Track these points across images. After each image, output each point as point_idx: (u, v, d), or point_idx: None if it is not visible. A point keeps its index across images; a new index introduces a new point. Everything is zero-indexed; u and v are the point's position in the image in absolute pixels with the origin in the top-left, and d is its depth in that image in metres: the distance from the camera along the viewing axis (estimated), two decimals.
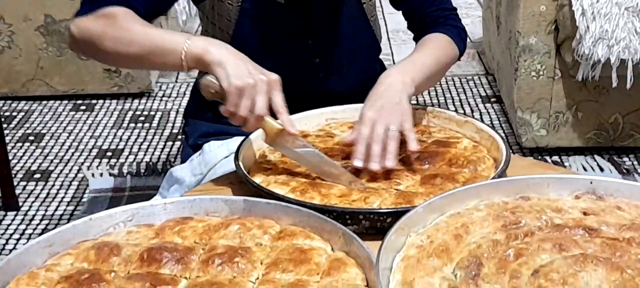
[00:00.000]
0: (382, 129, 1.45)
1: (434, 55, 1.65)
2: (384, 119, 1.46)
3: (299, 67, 1.71)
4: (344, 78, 1.77)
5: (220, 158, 1.66)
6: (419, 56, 1.64)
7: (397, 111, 1.48)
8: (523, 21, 2.88)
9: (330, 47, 1.73)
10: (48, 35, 3.55)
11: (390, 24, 4.54)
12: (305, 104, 1.65)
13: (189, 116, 1.86)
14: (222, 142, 1.69)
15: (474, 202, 1.26)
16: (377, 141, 1.43)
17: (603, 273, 1.08)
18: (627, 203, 1.25)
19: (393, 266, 1.12)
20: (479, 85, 3.84)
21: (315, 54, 1.72)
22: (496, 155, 1.49)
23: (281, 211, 1.26)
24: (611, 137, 3.05)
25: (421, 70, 1.60)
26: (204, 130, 1.78)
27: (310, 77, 1.73)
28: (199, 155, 1.71)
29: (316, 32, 1.70)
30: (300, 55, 1.71)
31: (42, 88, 3.67)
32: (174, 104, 3.70)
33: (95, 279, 1.10)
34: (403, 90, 1.52)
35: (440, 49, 1.68)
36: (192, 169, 1.70)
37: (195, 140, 1.78)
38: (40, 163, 3.19)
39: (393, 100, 1.50)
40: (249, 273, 1.12)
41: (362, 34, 1.79)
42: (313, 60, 1.72)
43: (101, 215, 1.25)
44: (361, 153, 1.43)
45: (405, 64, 1.61)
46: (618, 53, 2.67)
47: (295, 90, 1.48)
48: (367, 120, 1.47)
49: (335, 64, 1.75)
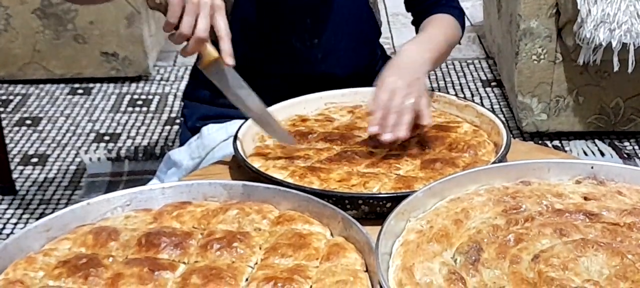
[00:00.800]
0: (400, 99, 1.44)
1: (444, 34, 1.66)
2: (403, 90, 1.45)
3: (297, 46, 1.70)
4: (342, 61, 1.76)
5: (219, 141, 1.66)
6: (435, 33, 1.65)
7: (416, 85, 1.47)
8: (524, 4, 2.87)
9: (329, 28, 1.72)
10: (45, 18, 3.53)
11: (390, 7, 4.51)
12: (304, 86, 1.64)
13: (187, 98, 1.85)
14: (220, 125, 1.69)
15: (474, 186, 1.26)
16: (394, 111, 1.42)
17: (604, 258, 1.07)
18: (628, 188, 1.25)
19: (393, 251, 1.11)
20: (480, 69, 3.83)
21: (313, 34, 1.71)
22: (496, 140, 1.48)
23: (280, 196, 1.25)
24: (612, 122, 3.05)
25: (436, 48, 1.60)
26: (203, 113, 1.77)
27: (308, 57, 1.72)
28: (198, 138, 1.70)
29: (314, 11, 1.69)
30: (298, 35, 1.70)
31: (39, 71, 3.66)
32: (171, 87, 3.69)
33: (93, 264, 1.09)
34: (423, 67, 1.52)
35: (449, 28, 1.69)
36: (190, 152, 1.69)
37: (193, 123, 1.78)
38: (38, 147, 3.18)
39: (414, 74, 1.49)
40: (248, 258, 1.12)
41: (361, 16, 1.78)
42: (311, 40, 1.71)
43: (99, 199, 1.24)
44: (378, 119, 1.42)
45: (423, 41, 1.61)
46: (620, 37, 2.66)
47: (294, 71, 1.47)
48: (387, 86, 1.45)
49: (333, 46, 1.74)
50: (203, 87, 1.77)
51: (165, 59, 3.98)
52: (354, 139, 1.52)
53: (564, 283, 1.02)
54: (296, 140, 1.49)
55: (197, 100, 1.80)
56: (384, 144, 1.43)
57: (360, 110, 1.65)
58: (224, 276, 1.06)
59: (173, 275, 1.09)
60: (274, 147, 1.50)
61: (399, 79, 1.46)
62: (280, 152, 1.47)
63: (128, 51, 3.62)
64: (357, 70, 1.74)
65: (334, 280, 1.05)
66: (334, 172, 1.39)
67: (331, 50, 1.73)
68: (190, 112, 1.81)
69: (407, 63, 1.52)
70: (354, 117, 1.62)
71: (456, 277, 1.04)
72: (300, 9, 1.68)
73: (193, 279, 1.06)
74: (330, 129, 1.56)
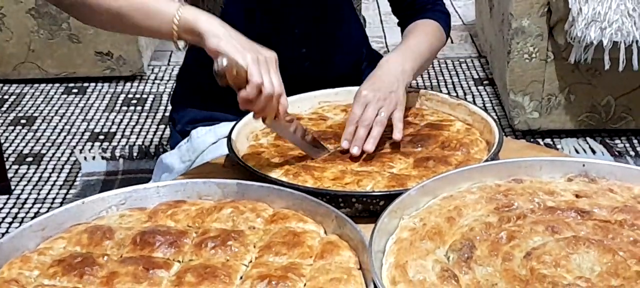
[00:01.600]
0: (373, 112, 1.46)
1: (428, 42, 1.66)
2: (377, 102, 1.48)
3: (285, 55, 1.70)
4: (330, 66, 1.76)
5: (208, 144, 1.66)
6: (416, 43, 1.65)
7: (391, 98, 1.49)
8: (516, 3, 2.88)
9: (317, 37, 1.73)
10: (39, 17, 3.52)
11: (383, 6, 4.52)
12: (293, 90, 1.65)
13: (176, 103, 1.85)
14: (209, 128, 1.69)
15: (466, 184, 1.27)
16: (364, 124, 1.45)
17: (595, 255, 1.08)
18: (619, 186, 1.26)
19: (386, 249, 1.12)
20: (472, 67, 3.83)
21: (301, 44, 1.71)
22: (489, 138, 1.49)
23: (274, 194, 1.25)
24: (603, 120, 3.06)
25: (418, 58, 1.61)
26: (192, 117, 1.77)
27: (297, 65, 1.72)
28: (187, 141, 1.71)
29: (303, 21, 1.69)
30: (286, 45, 1.70)
31: (34, 71, 3.66)
32: (166, 87, 3.69)
33: (88, 263, 1.10)
34: (401, 79, 1.54)
35: (433, 36, 1.69)
36: (181, 156, 1.70)
37: (183, 126, 1.78)
38: (32, 146, 3.18)
39: (390, 86, 1.51)
40: (242, 256, 1.12)
41: (348, 23, 1.79)
42: (299, 50, 1.71)
43: (94, 198, 1.25)
44: (349, 134, 1.45)
45: (404, 51, 1.62)
46: (610, 35, 2.67)
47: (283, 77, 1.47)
48: (361, 99, 1.48)
49: (321, 54, 1.74)
50: (191, 92, 1.78)
51: (160, 58, 3.97)
52: None
53: (556, 280, 1.03)
54: None
55: (185, 105, 1.80)
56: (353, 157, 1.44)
57: None
58: (218, 274, 1.07)
59: (168, 273, 1.09)
60: (268, 146, 1.50)
61: (373, 92, 1.49)
62: (274, 151, 1.47)
63: (122, 50, 3.62)
64: (344, 72, 1.75)
65: (327, 278, 1.06)
66: (327, 170, 1.39)
67: (318, 58, 1.74)
68: (178, 116, 1.81)
69: (383, 76, 1.53)
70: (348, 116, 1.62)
71: (449, 274, 1.05)
72: (288, 20, 1.68)
73: (188, 277, 1.07)
74: (324, 128, 1.57)
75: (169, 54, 4.01)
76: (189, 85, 1.79)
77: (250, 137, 1.53)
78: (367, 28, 1.94)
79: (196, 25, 1.31)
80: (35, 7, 3.50)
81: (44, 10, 3.51)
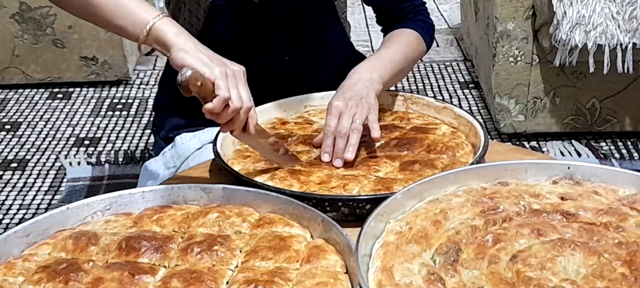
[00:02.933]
0: (348, 121, 1.47)
1: (401, 51, 1.66)
2: (351, 110, 1.48)
3: (268, 63, 1.70)
4: (313, 73, 1.76)
5: (193, 150, 1.66)
6: (387, 52, 1.65)
7: (363, 104, 1.50)
8: (501, 7, 2.89)
9: (300, 45, 1.73)
10: (23, 22, 3.51)
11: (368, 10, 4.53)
12: (276, 97, 1.65)
13: (158, 109, 1.84)
14: (193, 134, 1.69)
15: (452, 187, 1.27)
16: (341, 135, 1.45)
17: (580, 257, 1.09)
18: (604, 188, 1.26)
19: (372, 252, 1.12)
20: (458, 71, 3.85)
21: (284, 52, 1.71)
22: (474, 141, 1.49)
23: (260, 199, 1.25)
24: (588, 122, 3.07)
25: (389, 66, 1.62)
26: (175, 123, 1.77)
27: (279, 72, 1.72)
28: (172, 147, 1.70)
29: (287, 30, 1.69)
30: (269, 53, 1.70)
31: (18, 76, 3.64)
32: (151, 91, 3.68)
33: (73, 269, 1.09)
34: (371, 86, 1.54)
35: (408, 45, 1.69)
36: (165, 162, 1.69)
37: (166, 133, 1.77)
38: (17, 152, 3.16)
39: (360, 94, 1.51)
40: (228, 261, 1.12)
41: (332, 31, 1.79)
42: (282, 58, 1.71)
43: (79, 204, 1.24)
44: (328, 147, 1.45)
45: (373, 61, 1.62)
46: (595, 38, 2.69)
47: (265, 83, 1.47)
48: (334, 110, 1.48)
49: (305, 61, 1.74)
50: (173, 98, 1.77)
51: (145, 63, 3.96)
52: None
53: (542, 282, 1.03)
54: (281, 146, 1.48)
55: (168, 111, 1.80)
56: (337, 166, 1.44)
57: None
58: (204, 279, 1.06)
59: (153, 278, 1.09)
60: (254, 150, 1.50)
61: (345, 101, 1.49)
62: (260, 156, 1.47)
63: (107, 55, 3.61)
64: (327, 79, 1.75)
65: (314, 282, 1.06)
66: (313, 174, 1.39)
67: (302, 65, 1.74)
68: (161, 122, 1.81)
69: (353, 84, 1.54)
70: None
71: (435, 277, 1.05)
72: (272, 28, 1.68)
73: (173, 283, 1.06)
74: (309, 132, 1.57)
75: (155, 59, 4.00)
76: (171, 91, 1.79)
77: (235, 141, 1.53)
78: (353, 32, 1.95)
79: (165, 37, 1.30)
80: (19, 12, 3.49)
81: (27, 15, 3.49)
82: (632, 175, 1.26)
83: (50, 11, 3.48)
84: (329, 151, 1.45)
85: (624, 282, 1.03)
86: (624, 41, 2.69)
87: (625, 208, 1.20)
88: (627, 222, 1.16)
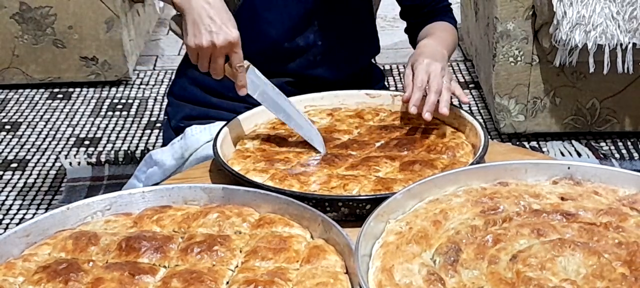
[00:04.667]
0: (439, 79, 1.51)
1: (448, 38, 1.74)
2: (439, 71, 1.52)
3: (300, 45, 1.72)
4: (337, 66, 1.77)
5: (202, 143, 1.66)
6: (445, 36, 1.72)
7: (447, 70, 1.55)
8: (501, 7, 2.89)
9: (333, 34, 1.74)
10: (23, 22, 3.51)
11: None
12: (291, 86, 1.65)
13: (172, 96, 1.84)
14: (204, 126, 1.69)
15: (452, 188, 1.27)
16: (435, 90, 1.49)
17: (580, 257, 1.09)
18: (604, 188, 1.26)
19: (372, 253, 1.12)
20: (458, 71, 3.85)
21: (318, 36, 1.72)
22: (474, 141, 1.49)
23: (260, 199, 1.25)
24: (588, 122, 3.07)
25: (447, 48, 1.69)
26: (187, 113, 1.77)
27: (307, 58, 1.73)
28: (181, 138, 1.70)
29: (323, 14, 1.71)
30: (304, 35, 1.71)
31: (18, 76, 3.64)
32: (151, 91, 3.68)
33: (73, 269, 1.09)
34: (444, 58, 1.60)
35: (451, 36, 1.76)
36: (173, 153, 1.69)
37: (177, 122, 1.78)
38: (17, 152, 3.16)
39: (443, 60, 1.58)
40: (228, 261, 1.12)
41: (364, 28, 1.81)
42: (315, 42, 1.73)
43: (79, 204, 1.24)
44: (417, 100, 1.49)
45: (439, 40, 1.69)
46: (595, 38, 2.68)
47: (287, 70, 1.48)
48: (425, 66, 1.52)
49: (333, 51, 1.75)
50: (189, 84, 1.78)
51: (145, 63, 3.96)
52: (334, 142, 1.52)
53: (542, 282, 1.03)
54: None
55: (183, 99, 1.80)
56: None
57: (339, 112, 1.65)
58: (204, 279, 1.06)
59: (153, 279, 1.09)
60: (254, 150, 1.50)
61: (433, 62, 1.54)
62: (260, 156, 1.47)
63: (107, 55, 3.61)
64: (346, 76, 1.76)
65: (314, 282, 1.06)
66: (313, 174, 1.39)
67: (330, 55, 1.75)
68: (174, 111, 1.81)
69: (433, 52, 1.59)
70: (334, 120, 1.63)
71: (435, 277, 1.05)
72: (310, 10, 1.70)
73: (173, 283, 1.06)
74: None
75: (155, 59, 4.01)
76: (188, 77, 1.79)
77: (236, 141, 1.53)
78: None
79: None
80: (19, 12, 3.49)
81: (27, 15, 3.49)
82: (632, 175, 1.27)
83: (50, 11, 3.48)
84: (417, 104, 1.49)
85: (624, 282, 1.03)
86: (624, 41, 2.69)
87: (625, 209, 1.20)
88: (627, 222, 1.16)
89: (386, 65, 3.83)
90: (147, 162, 1.75)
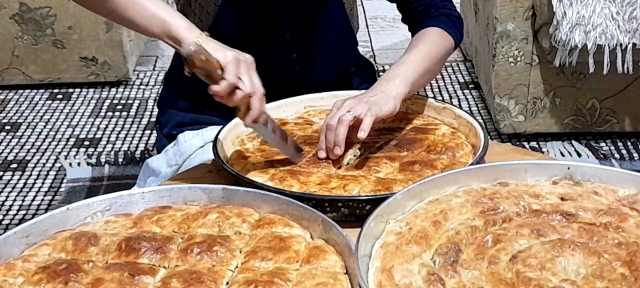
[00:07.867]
0: (340, 114, 1.43)
1: (424, 50, 1.62)
2: (347, 105, 1.45)
3: (275, 59, 1.70)
4: (319, 71, 1.76)
5: (195, 148, 1.66)
6: (409, 56, 1.60)
7: (363, 102, 1.45)
8: (500, 7, 2.89)
9: (308, 42, 1.72)
10: (23, 23, 3.51)
11: (369, 10, 4.53)
12: (280, 93, 1.65)
13: (163, 105, 1.85)
14: (196, 132, 1.69)
15: (452, 188, 1.27)
16: (330, 128, 1.43)
17: (580, 258, 1.09)
18: (604, 188, 1.26)
19: (372, 253, 1.12)
20: (457, 71, 3.85)
21: (292, 49, 1.71)
22: (474, 142, 1.49)
23: (260, 199, 1.25)
24: (588, 123, 3.07)
25: (412, 68, 1.57)
26: (179, 120, 1.77)
27: (286, 69, 1.72)
28: (174, 145, 1.70)
29: (295, 27, 1.69)
30: (277, 49, 1.70)
31: (18, 77, 3.64)
32: (151, 92, 3.68)
33: (73, 269, 1.09)
34: (386, 91, 1.50)
35: (431, 42, 1.64)
36: (168, 160, 1.69)
37: (169, 130, 1.77)
38: (17, 153, 3.16)
39: (367, 94, 1.49)
40: (228, 261, 1.12)
41: (340, 28, 1.78)
42: (290, 54, 1.71)
43: (79, 204, 1.24)
44: (323, 142, 1.45)
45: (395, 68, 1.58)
46: (595, 38, 2.69)
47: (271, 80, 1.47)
48: (333, 107, 1.48)
49: (312, 58, 1.74)
50: (179, 95, 1.77)
51: (145, 64, 3.96)
52: None
53: (542, 283, 1.03)
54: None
55: (172, 107, 1.80)
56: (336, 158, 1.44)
57: None
58: (204, 280, 1.07)
59: (153, 279, 1.09)
60: (254, 150, 1.50)
61: (353, 98, 1.47)
62: (260, 156, 1.47)
63: (107, 56, 3.61)
64: (332, 77, 1.75)
65: (314, 283, 1.06)
66: (313, 175, 1.39)
67: (308, 62, 1.74)
68: (165, 119, 1.81)
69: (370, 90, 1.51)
70: None
71: (435, 278, 1.05)
72: (280, 25, 1.68)
73: (173, 283, 1.06)
74: (309, 132, 1.57)
75: (154, 59, 4.00)
76: (176, 87, 1.79)
77: (236, 141, 1.53)
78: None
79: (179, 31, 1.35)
80: (19, 13, 3.49)
81: (27, 15, 3.49)
82: (632, 176, 1.27)
83: (50, 12, 3.48)
84: (323, 147, 1.44)
85: (624, 282, 1.03)
86: (623, 41, 2.69)
87: (625, 209, 1.20)
88: (627, 222, 1.16)
89: (386, 65, 3.83)
90: (145, 170, 1.75)
